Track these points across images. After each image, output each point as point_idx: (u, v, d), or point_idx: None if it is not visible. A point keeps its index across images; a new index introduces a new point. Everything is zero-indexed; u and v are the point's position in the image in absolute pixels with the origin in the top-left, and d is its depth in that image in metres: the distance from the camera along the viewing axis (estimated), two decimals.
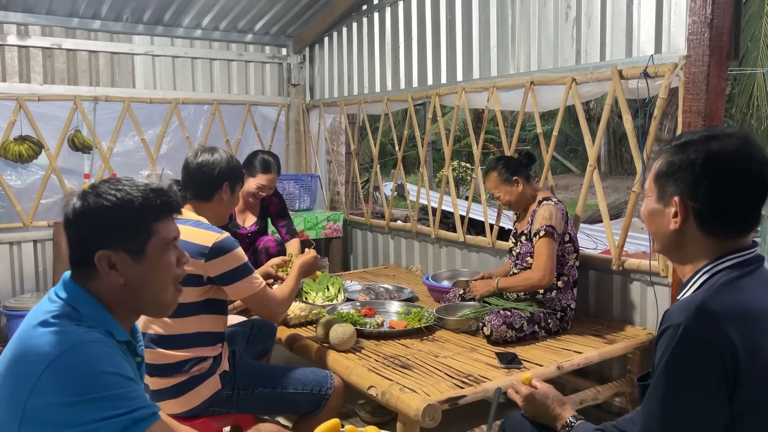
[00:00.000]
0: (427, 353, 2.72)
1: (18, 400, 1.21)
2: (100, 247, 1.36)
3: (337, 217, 5.00)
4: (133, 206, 1.39)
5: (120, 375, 1.26)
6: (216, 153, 2.39)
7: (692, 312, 1.24)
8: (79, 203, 1.38)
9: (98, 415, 1.20)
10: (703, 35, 2.61)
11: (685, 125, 2.71)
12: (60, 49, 4.60)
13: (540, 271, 2.89)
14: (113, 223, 1.38)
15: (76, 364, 1.23)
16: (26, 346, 1.26)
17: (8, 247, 4.42)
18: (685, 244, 1.37)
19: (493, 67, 3.83)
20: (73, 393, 1.20)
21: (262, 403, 2.30)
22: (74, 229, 1.38)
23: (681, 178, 1.34)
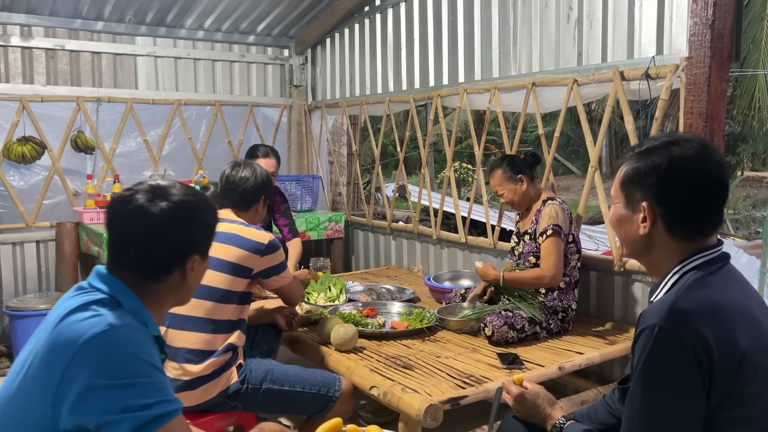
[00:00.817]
0: (428, 354, 2.72)
1: (52, 379, 1.22)
2: (192, 252, 1.44)
3: (338, 218, 5.01)
4: (214, 210, 1.51)
5: (150, 363, 1.27)
6: (255, 168, 2.66)
7: (665, 313, 1.27)
8: (167, 205, 1.39)
9: (124, 403, 1.20)
10: (704, 37, 2.62)
11: (686, 127, 2.72)
12: (63, 50, 4.61)
13: (552, 270, 2.89)
14: (208, 228, 1.50)
15: (109, 344, 1.24)
16: (63, 329, 1.27)
17: (11, 247, 4.44)
18: (654, 247, 1.41)
19: (495, 68, 3.84)
20: (103, 375, 1.21)
21: (268, 400, 2.33)
22: (163, 232, 1.39)
23: (647, 183, 1.38)
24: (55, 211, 4.57)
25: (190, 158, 5.06)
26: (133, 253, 1.40)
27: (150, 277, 1.41)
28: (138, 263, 1.39)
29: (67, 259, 4.42)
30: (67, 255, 4.42)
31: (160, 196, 1.40)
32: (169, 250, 1.41)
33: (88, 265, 4.53)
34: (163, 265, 1.41)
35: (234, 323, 2.37)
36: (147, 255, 1.40)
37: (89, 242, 4.25)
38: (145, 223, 1.38)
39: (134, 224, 1.39)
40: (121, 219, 1.40)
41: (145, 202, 1.38)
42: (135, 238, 1.39)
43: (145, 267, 1.40)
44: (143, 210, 1.38)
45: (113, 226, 1.42)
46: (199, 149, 5.08)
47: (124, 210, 1.40)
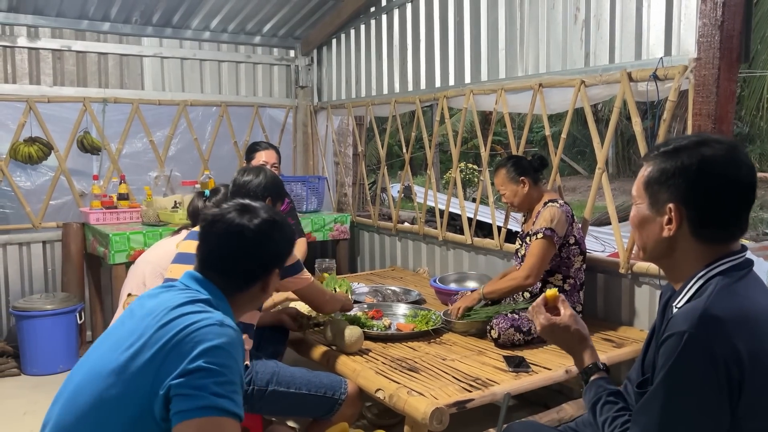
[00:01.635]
0: (434, 356, 2.71)
1: (166, 364, 1.34)
2: (277, 265, 1.65)
3: (344, 219, 5.00)
4: (291, 228, 1.73)
5: (239, 369, 1.40)
6: (262, 172, 2.68)
7: (696, 320, 1.23)
8: (262, 221, 1.61)
9: (203, 383, 1.31)
10: (713, 38, 2.60)
11: (695, 128, 2.69)
12: (69, 51, 4.62)
13: (526, 271, 2.90)
14: (290, 244, 1.73)
15: (219, 335, 1.37)
16: (175, 317, 1.41)
17: (17, 247, 4.45)
18: (676, 250, 1.37)
19: (502, 69, 3.82)
20: (203, 359, 1.32)
21: (273, 402, 2.31)
22: (257, 246, 1.60)
23: (675, 184, 1.33)
24: (61, 212, 4.59)
25: (196, 159, 5.06)
26: (228, 262, 1.58)
27: (238, 285, 1.59)
28: (231, 272, 1.57)
29: (73, 259, 4.43)
30: (74, 255, 4.43)
31: (253, 214, 1.62)
32: (259, 262, 1.61)
33: (94, 265, 4.54)
34: (251, 276, 1.60)
35: (243, 326, 2.33)
36: (240, 265, 1.58)
37: (95, 243, 4.26)
38: (244, 237, 1.58)
39: (233, 237, 1.58)
40: (220, 233, 1.60)
41: (243, 219, 1.60)
42: (233, 250, 1.58)
43: (236, 276, 1.58)
44: (243, 226, 1.59)
45: (210, 238, 1.61)
46: (205, 150, 5.08)
47: (223, 224, 1.60)
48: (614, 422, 1.44)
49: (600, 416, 1.48)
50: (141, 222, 4.34)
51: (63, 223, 4.49)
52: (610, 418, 1.45)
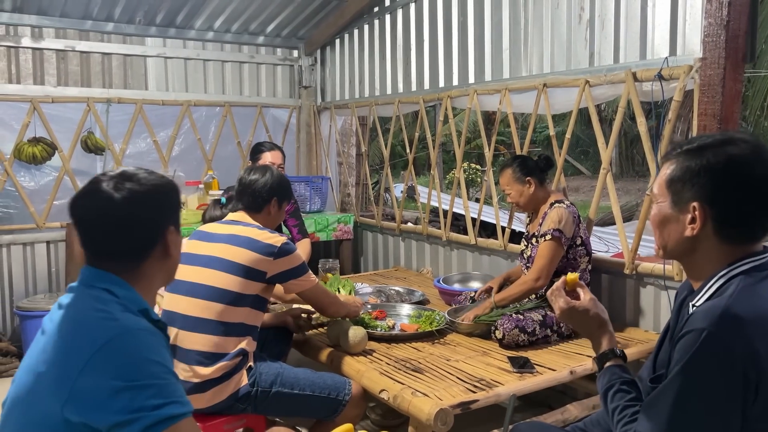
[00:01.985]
0: (438, 357, 2.71)
1: (66, 380, 1.24)
2: (168, 224, 1.46)
3: (347, 219, 5.00)
4: (171, 181, 1.51)
5: (163, 365, 1.29)
6: (267, 171, 2.61)
7: (716, 318, 1.21)
8: (134, 186, 1.40)
9: (139, 403, 1.23)
10: (718, 37, 2.58)
11: (700, 128, 2.68)
12: (73, 52, 4.63)
13: (536, 273, 2.89)
14: (174, 201, 1.50)
15: (126, 348, 1.27)
16: (75, 329, 1.31)
17: (21, 247, 4.45)
18: (698, 250, 1.36)
19: (506, 69, 3.81)
20: (119, 377, 1.24)
21: (277, 403, 2.31)
22: (136, 212, 1.39)
23: (700, 183, 1.32)
24: (65, 212, 4.51)
25: (200, 159, 5.06)
26: (111, 242, 1.39)
27: (134, 259, 1.42)
28: (119, 250, 1.40)
29: (76, 259, 4.43)
30: (77, 256, 4.43)
31: (121, 181, 1.40)
32: (145, 228, 1.42)
33: None
34: (144, 245, 1.42)
35: (246, 327, 2.35)
36: (126, 240, 1.40)
37: None
38: (115, 210, 1.38)
39: (104, 213, 1.38)
40: (90, 212, 1.40)
41: (109, 190, 1.38)
42: (109, 227, 1.39)
43: (126, 252, 1.41)
44: (110, 198, 1.37)
45: (84, 221, 1.41)
46: (208, 150, 5.08)
47: (91, 203, 1.39)
48: (624, 411, 1.42)
49: (611, 403, 1.46)
50: None
51: (67, 223, 4.49)
52: (620, 406, 1.44)
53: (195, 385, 2.23)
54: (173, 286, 2.37)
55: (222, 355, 2.27)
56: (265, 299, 2.45)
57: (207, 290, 2.30)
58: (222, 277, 2.31)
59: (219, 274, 2.32)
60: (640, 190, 11.93)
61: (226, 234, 2.43)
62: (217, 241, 2.41)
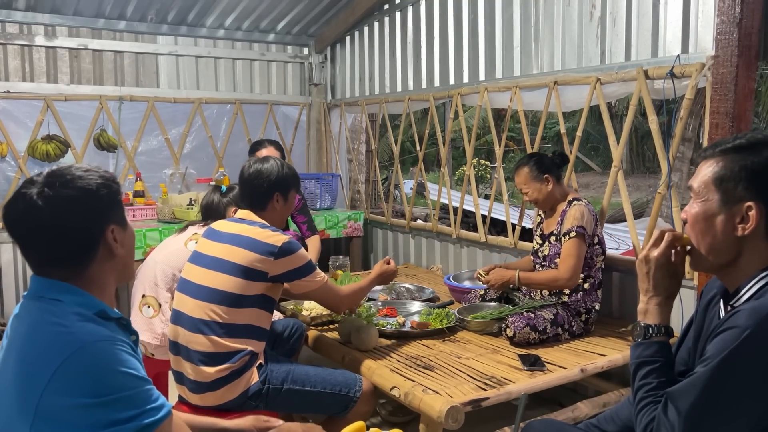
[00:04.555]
0: (449, 354, 2.71)
1: (29, 401, 1.20)
2: (108, 223, 1.37)
3: (357, 216, 5.02)
4: (113, 181, 1.42)
5: (130, 374, 1.25)
6: (267, 163, 2.49)
7: (762, 318, 1.20)
8: (60, 190, 1.32)
9: (111, 417, 1.20)
10: (731, 35, 2.57)
11: (712, 126, 2.67)
12: (86, 50, 4.67)
13: (569, 272, 2.86)
14: (108, 199, 1.38)
15: (87, 364, 1.22)
16: (32, 346, 1.26)
17: None
18: (744, 250, 1.33)
19: (516, 67, 3.81)
20: (86, 394, 1.20)
21: (289, 400, 2.33)
22: (63, 219, 1.31)
23: (757, 182, 1.30)
24: None
25: (211, 156, 5.09)
26: (48, 250, 1.33)
27: (77, 264, 1.34)
28: (57, 257, 1.33)
29: None
30: None
31: (47, 185, 1.32)
32: (78, 231, 1.33)
33: None
34: (82, 250, 1.34)
35: (252, 328, 2.31)
36: (61, 247, 1.33)
37: None
38: (41, 219, 1.30)
39: (32, 223, 1.31)
40: (19, 222, 1.33)
41: (34, 197, 1.31)
42: (40, 236, 1.32)
43: (66, 258, 1.34)
44: (34, 206, 1.30)
45: (16, 231, 1.34)
46: (219, 147, 5.11)
47: (18, 212, 1.33)
48: (655, 390, 1.38)
49: (645, 378, 1.41)
50: (157, 219, 4.38)
51: None
52: (654, 385, 1.39)
53: (205, 383, 2.24)
54: (182, 286, 2.38)
55: (227, 356, 2.25)
56: (272, 299, 2.39)
57: (209, 293, 2.27)
58: (223, 279, 2.27)
59: (221, 276, 2.28)
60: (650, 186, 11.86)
61: (230, 233, 2.37)
62: (221, 240, 2.37)
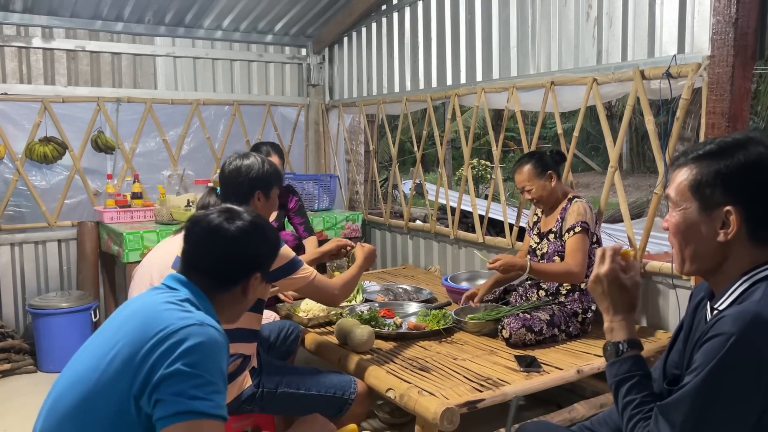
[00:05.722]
0: (445, 355, 2.71)
1: (143, 365, 1.35)
2: (257, 269, 1.65)
3: (355, 217, 5.01)
4: (276, 232, 1.77)
5: (221, 371, 1.40)
6: (247, 160, 2.44)
7: (746, 323, 1.19)
8: (242, 224, 1.64)
9: (182, 388, 1.32)
10: (727, 35, 2.57)
11: (708, 126, 2.67)
12: (84, 51, 4.67)
13: (579, 267, 2.85)
14: (275, 251, 1.77)
15: (198, 338, 1.38)
16: (153, 319, 1.42)
17: (33, 246, 4.51)
18: (729, 256, 1.31)
19: (513, 67, 3.80)
20: (185, 363, 1.33)
21: (283, 403, 2.32)
22: (240, 248, 1.62)
23: (733, 185, 1.28)
24: (76, 211, 4.63)
25: (209, 158, 5.09)
26: (205, 262, 1.60)
27: (218, 286, 1.60)
28: (211, 272, 1.59)
29: (88, 257, 4.48)
30: (88, 254, 4.48)
31: (235, 216, 1.66)
32: (238, 264, 1.62)
33: (108, 263, 4.59)
34: (231, 278, 1.62)
35: (242, 331, 2.25)
36: (219, 266, 1.60)
37: (109, 241, 4.30)
38: (222, 237, 1.61)
39: (212, 237, 1.61)
40: (199, 232, 1.62)
41: (223, 221, 1.63)
42: (210, 250, 1.61)
43: (216, 276, 1.60)
44: (222, 227, 1.62)
45: (191, 238, 1.63)
46: (217, 149, 5.11)
47: (204, 225, 1.63)
48: (641, 407, 1.36)
49: (627, 395, 1.39)
50: (154, 221, 4.38)
51: (78, 221, 4.53)
52: (637, 401, 1.37)
53: None
54: None
55: None
56: (260, 300, 2.34)
57: None
58: None
59: None
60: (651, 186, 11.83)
61: None
62: None
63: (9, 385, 3.93)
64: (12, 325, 4.40)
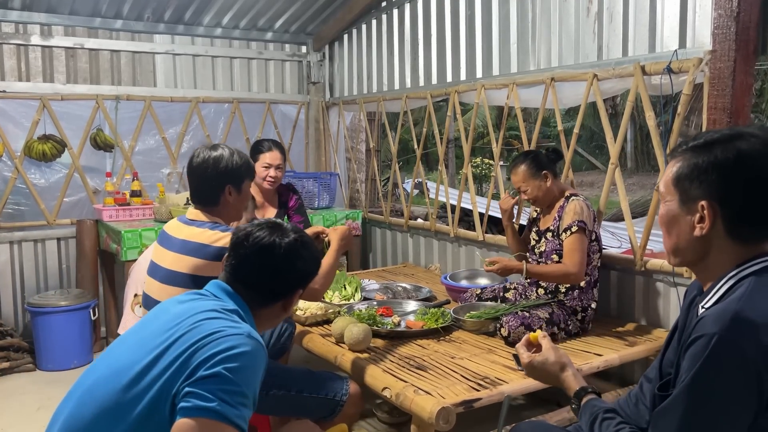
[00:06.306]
0: (443, 354, 2.68)
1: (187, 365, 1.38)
2: (302, 286, 1.69)
3: (355, 216, 4.98)
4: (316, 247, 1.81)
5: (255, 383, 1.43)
6: (215, 152, 2.29)
7: (727, 322, 1.17)
8: (297, 244, 1.66)
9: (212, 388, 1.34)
10: (729, 29, 2.53)
11: (710, 122, 2.63)
12: (82, 49, 4.65)
13: (577, 267, 2.82)
14: (318, 267, 1.79)
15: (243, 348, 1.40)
16: (201, 326, 1.45)
17: (32, 244, 4.49)
18: (710, 251, 1.31)
19: (513, 64, 3.77)
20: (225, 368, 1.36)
21: (275, 404, 2.28)
22: (292, 266, 1.65)
23: (708, 180, 1.27)
24: (75, 209, 4.62)
25: None
26: (256, 278, 1.62)
27: (262, 301, 1.63)
28: (258, 287, 1.62)
29: (87, 256, 4.47)
30: (88, 252, 4.46)
31: (283, 233, 1.67)
32: (285, 280, 1.65)
33: (107, 262, 4.58)
34: (276, 293, 1.64)
35: None
36: (268, 282, 1.62)
37: (108, 239, 4.28)
38: (274, 254, 1.62)
39: (265, 253, 1.62)
40: (251, 247, 1.63)
41: (274, 237, 1.64)
42: (263, 266, 1.62)
43: (262, 291, 1.62)
44: (274, 243, 1.63)
45: (240, 251, 1.64)
46: None
47: (255, 239, 1.63)
48: (622, 424, 1.40)
49: (603, 423, 1.43)
50: (153, 219, 4.36)
51: (77, 220, 4.52)
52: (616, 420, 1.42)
53: None
54: (146, 302, 2.31)
55: None
56: None
57: None
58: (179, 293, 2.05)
59: (176, 291, 2.11)
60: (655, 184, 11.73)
61: (180, 240, 2.21)
62: (172, 248, 2.23)
63: (8, 384, 3.92)
64: (11, 324, 4.39)
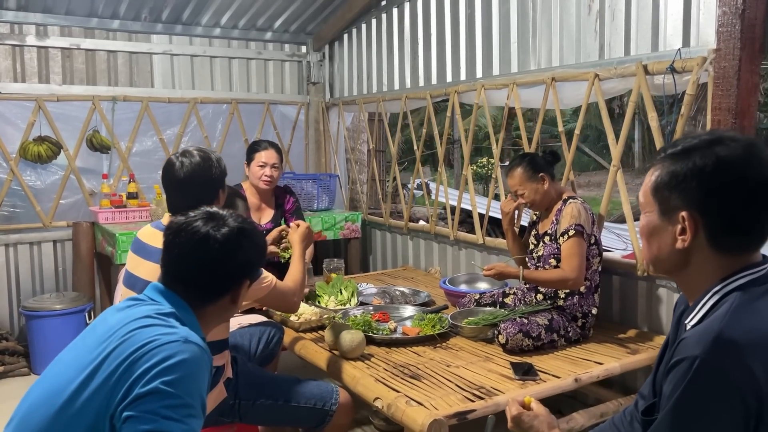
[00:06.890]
0: (438, 362, 2.61)
1: (123, 381, 1.29)
2: (248, 276, 1.57)
3: (355, 218, 4.92)
4: (263, 236, 1.69)
5: (200, 395, 1.34)
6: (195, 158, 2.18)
7: (709, 344, 1.09)
8: (229, 231, 1.52)
9: (155, 407, 1.25)
10: (733, 27, 2.45)
11: (714, 123, 2.55)
12: (79, 50, 4.60)
13: (575, 272, 2.74)
14: (264, 255, 1.67)
15: (181, 355, 1.31)
16: (135, 335, 1.35)
17: (28, 247, 4.45)
18: (692, 263, 1.22)
19: (514, 63, 3.69)
20: (164, 382, 1.27)
21: (263, 414, 2.22)
22: (231, 257, 1.52)
23: (688, 188, 1.19)
24: (71, 211, 4.57)
25: None
26: (194, 274, 1.50)
27: (205, 298, 1.52)
28: (197, 283, 1.50)
29: (83, 258, 4.42)
30: (84, 255, 4.42)
31: (220, 222, 1.53)
32: (227, 273, 1.53)
33: (104, 264, 4.53)
34: (219, 287, 1.52)
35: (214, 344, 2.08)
36: (207, 276, 1.50)
37: (104, 242, 4.24)
38: (209, 246, 1.50)
39: (198, 246, 1.50)
40: (185, 242, 1.50)
41: (209, 228, 1.51)
42: (199, 261, 1.50)
43: (203, 287, 1.51)
44: (208, 235, 1.50)
45: (174, 248, 1.52)
46: (215, 148, 5.02)
47: (188, 234, 1.51)
48: None
49: None
50: (150, 221, 4.31)
51: (73, 222, 4.47)
52: None
53: None
54: None
55: None
56: None
57: None
58: None
59: None
60: None
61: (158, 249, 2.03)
62: (150, 258, 2.13)
63: (2, 388, 3.88)
64: (6, 327, 4.35)
